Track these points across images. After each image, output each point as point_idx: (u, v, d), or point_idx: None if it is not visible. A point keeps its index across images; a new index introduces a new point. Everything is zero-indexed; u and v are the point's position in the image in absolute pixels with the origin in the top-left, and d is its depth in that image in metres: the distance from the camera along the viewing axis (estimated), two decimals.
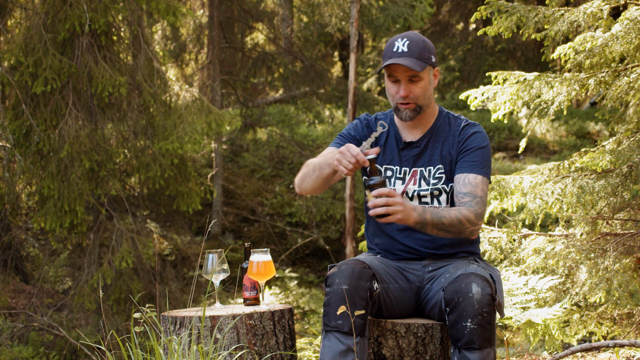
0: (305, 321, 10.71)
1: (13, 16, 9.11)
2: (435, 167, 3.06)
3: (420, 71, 2.95)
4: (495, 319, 2.80)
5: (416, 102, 3.01)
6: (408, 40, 2.98)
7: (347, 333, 2.77)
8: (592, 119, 16.08)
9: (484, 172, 3.00)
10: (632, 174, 4.28)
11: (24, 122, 8.28)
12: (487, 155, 3.04)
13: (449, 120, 3.12)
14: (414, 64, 2.94)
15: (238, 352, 2.97)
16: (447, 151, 3.06)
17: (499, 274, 3.07)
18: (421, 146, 3.08)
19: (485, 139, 3.06)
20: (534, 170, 4.84)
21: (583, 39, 4.61)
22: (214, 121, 8.86)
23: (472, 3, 18.19)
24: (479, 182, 2.97)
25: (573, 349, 3.96)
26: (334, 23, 13.25)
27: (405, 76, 2.98)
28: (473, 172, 2.99)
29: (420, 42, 2.99)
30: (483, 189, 2.97)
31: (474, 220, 2.90)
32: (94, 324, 8.91)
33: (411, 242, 3.07)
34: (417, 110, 3.02)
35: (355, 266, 2.84)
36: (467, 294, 2.73)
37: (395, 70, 2.99)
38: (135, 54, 8.94)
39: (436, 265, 3.07)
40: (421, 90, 3.00)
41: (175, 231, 11.92)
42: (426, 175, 3.06)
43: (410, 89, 2.99)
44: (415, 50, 2.97)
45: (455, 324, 2.74)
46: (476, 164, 3.00)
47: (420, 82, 2.99)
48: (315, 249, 12.73)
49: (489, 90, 4.82)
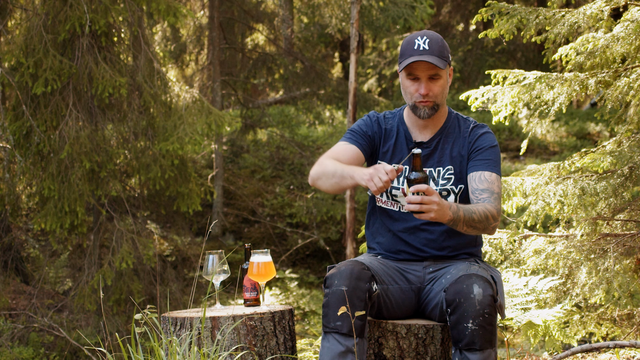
0: (306, 322, 10.71)
1: (13, 17, 9.11)
2: (445, 168, 3.06)
3: (442, 69, 2.96)
4: (497, 320, 2.80)
5: (435, 101, 3.01)
6: (428, 39, 2.97)
7: (346, 334, 2.77)
8: (592, 120, 16.08)
9: (497, 170, 3.02)
10: (633, 174, 4.28)
11: (25, 123, 8.28)
12: (498, 155, 3.07)
13: (458, 122, 3.13)
14: (437, 61, 2.94)
15: (238, 353, 2.97)
16: (458, 152, 3.07)
17: (500, 276, 3.07)
18: (431, 146, 3.09)
19: (495, 140, 3.09)
20: (534, 170, 4.84)
21: (584, 40, 4.61)
22: (214, 122, 8.86)
23: (473, 4, 18.20)
24: (495, 179, 2.99)
25: (573, 350, 3.96)
26: (334, 24, 13.26)
27: (426, 74, 2.98)
28: (488, 169, 3.00)
29: (440, 40, 2.99)
30: (499, 186, 2.99)
31: (496, 216, 2.91)
32: (94, 325, 8.91)
33: (415, 241, 3.07)
34: (435, 108, 3.02)
35: (354, 267, 2.84)
36: (469, 295, 2.73)
37: (416, 68, 2.98)
38: (135, 54, 8.94)
39: (437, 267, 3.06)
40: (440, 88, 3.00)
41: (175, 232, 11.92)
42: (435, 175, 3.07)
43: (430, 87, 2.99)
44: (436, 48, 2.97)
45: (457, 325, 2.74)
46: (490, 162, 3.02)
47: (439, 80, 3.00)
48: (315, 250, 12.73)
49: (489, 90, 4.81)
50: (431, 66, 2.95)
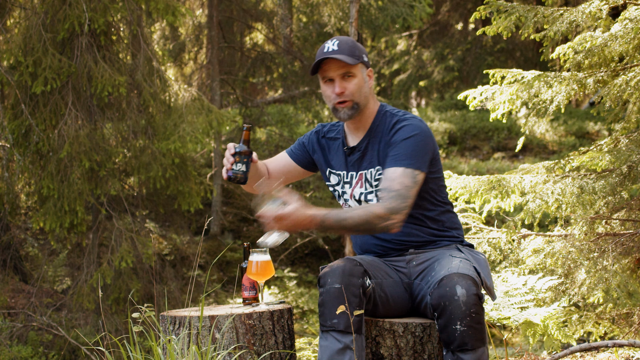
0: (305, 321, 10.72)
1: (12, 16, 9.10)
2: (375, 169, 3.06)
3: (352, 64, 2.97)
4: (484, 317, 2.80)
5: (352, 99, 3.01)
6: (338, 41, 3.02)
7: (343, 331, 2.77)
8: (591, 119, 16.09)
9: (407, 164, 2.91)
10: (631, 173, 4.28)
11: (24, 122, 8.28)
12: (415, 145, 2.94)
13: (385, 118, 3.08)
14: (345, 58, 2.96)
15: (237, 352, 2.97)
16: (384, 150, 3.04)
17: (484, 258, 3.07)
18: (362, 149, 3.10)
19: (416, 129, 2.97)
20: (528, 169, 4.84)
21: (582, 39, 4.61)
22: (214, 120, 8.87)
23: (472, 3, 18.19)
24: (398, 175, 2.90)
25: (572, 349, 3.96)
26: (333, 23, 13.25)
27: (338, 73, 3.00)
28: (393, 165, 2.93)
29: (350, 42, 3.03)
30: (402, 182, 2.88)
31: (384, 215, 2.83)
32: (93, 324, 8.91)
33: (389, 235, 3.07)
34: (355, 107, 3.03)
35: (346, 264, 2.85)
36: (453, 297, 2.72)
37: (328, 69, 3.01)
38: (134, 53, 8.94)
39: (420, 259, 3.06)
40: (355, 86, 3.01)
41: (174, 231, 11.92)
42: (369, 177, 3.07)
43: (344, 85, 3.01)
44: (345, 48, 3.00)
45: (445, 328, 2.74)
46: (398, 156, 2.94)
47: (353, 79, 3.01)
48: (314, 249, 12.74)
49: (488, 90, 4.82)
50: (341, 64, 2.98)
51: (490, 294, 3.01)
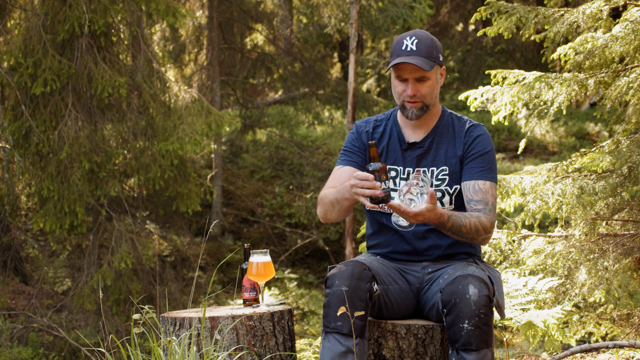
0: (305, 322, 10.71)
1: (12, 17, 9.10)
2: (439, 169, 3.04)
3: (428, 70, 2.92)
4: (493, 320, 2.80)
5: (423, 101, 2.99)
6: (417, 39, 2.95)
7: (346, 334, 2.76)
8: (591, 120, 16.09)
9: (492, 177, 3.00)
10: (632, 174, 4.28)
11: (24, 123, 8.28)
12: (493, 159, 3.04)
13: (452, 121, 3.09)
14: (423, 63, 2.91)
15: (238, 353, 2.97)
16: (453, 153, 3.04)
17: (499, 276, 3.06)
18: (424, 147, 3.06)
19: (490, 142, 3.06)
20: (532, 170, 4.84)
21: (583, 40, 4.60)
22: (214, 122, 8.86)
23: (472, 4, 18.20)
24: (489, 188, 2.98)
25: (573, 350, 3.96)
26: (334, 24, 13.25)
27: (414, 75, 2.95)
28: (482, 178, 2.98)
29: (429, 41, 2.96)
30: (493, 194, 2.98)
31: (488, 229, 2.91)
32: (93, 325, 8.91)
33: (412, 240, 3.05)
34: (424, 109, 3.00)
35: (355, 267, 2.83)
36: (464, 295, 2.73)
37: (403, 69, 2.96)
38: (134, 54, 8.94)
39: (435, 267, 3.05)
40: (428, 89, 2.98)
41: (174, 232, 11.91)
42: (429, 175, 3.04)
43: (417, 88, 2.96)
44: (423, 49, 2.94)
45: (453, 326, 2.74)
46: (484, 169, 2.99)
47: (427, 82, 2.97)
48: (314, 250, 12.73)
49: (489, 91, 4.81)
50: (417, 68, 2.93)
51: (500, 312, 2.99)
